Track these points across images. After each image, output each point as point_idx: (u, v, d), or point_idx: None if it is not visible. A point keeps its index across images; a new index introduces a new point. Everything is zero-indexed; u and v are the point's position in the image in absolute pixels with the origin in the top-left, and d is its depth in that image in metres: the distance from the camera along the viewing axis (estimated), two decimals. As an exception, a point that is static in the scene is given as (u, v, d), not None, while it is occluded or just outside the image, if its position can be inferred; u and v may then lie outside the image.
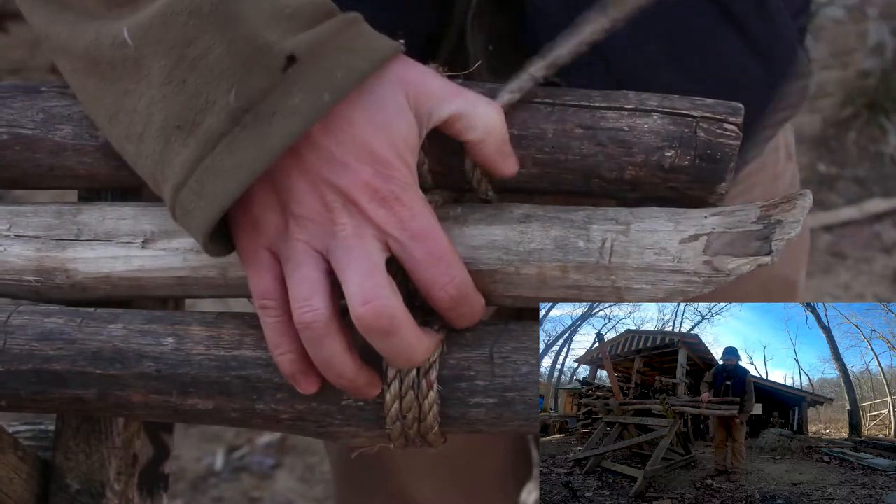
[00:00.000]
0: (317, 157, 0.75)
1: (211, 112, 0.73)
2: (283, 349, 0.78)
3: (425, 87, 0.78)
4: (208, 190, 0.73)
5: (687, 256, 0.78)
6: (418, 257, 0.76)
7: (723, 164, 0.80)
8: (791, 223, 0.78)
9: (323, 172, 0.75)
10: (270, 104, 0.72)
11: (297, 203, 0.75)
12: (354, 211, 0.75)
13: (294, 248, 0.76)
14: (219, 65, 0.73)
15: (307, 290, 0.76)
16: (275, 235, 0.77)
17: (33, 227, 0.86)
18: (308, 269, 0.76)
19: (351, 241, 0.75)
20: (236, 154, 0.73)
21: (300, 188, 0.75)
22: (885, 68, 3.40)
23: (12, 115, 0.86)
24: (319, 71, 0.73)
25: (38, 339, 0.83)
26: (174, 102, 0.74)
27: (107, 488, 0.92)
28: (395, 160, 0.76)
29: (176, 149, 0.74)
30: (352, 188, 0.75)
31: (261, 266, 0.77)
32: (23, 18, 0.86)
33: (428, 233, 0.76)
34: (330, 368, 0.77)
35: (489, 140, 0.80)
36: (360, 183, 0.75)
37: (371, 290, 0.74)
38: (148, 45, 0.74)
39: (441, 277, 0.77)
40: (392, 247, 0.76)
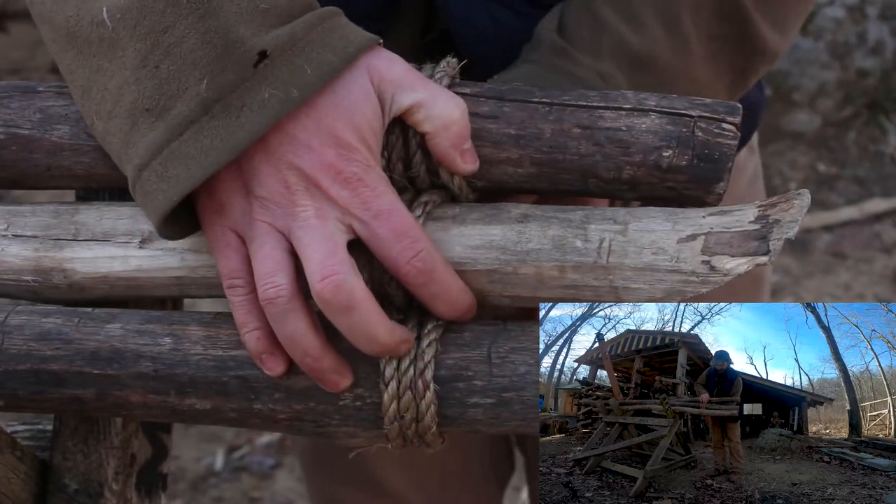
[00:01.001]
0: (280, 141, 0.76)
1: (181, 99, 0.75)
2: (250, 327, 0.79)
3: (390, 74, 0.79)
4: (171, 174, 0.75)
5: (685, 256, 0.78)
6: (382, 234, 0.77)
7: (721, 164, 0.80)
8: (789, 223, 0.77)
9: (286, 156, 0.76)
10: (239, 97, 0.74)
11: (260, 185, 0.77)
12: (317, 193, 0.76)
13: (257, 229, 0.77)
14: (192, 54, 0.74)
15: (270, 267, 0.77)
16: (239, 216, 0.78)
17: (31, 226, 0.86)
18: (271, 248, 0.77)
19: (312, 221, 0.76)
20: (202, 142, 0.74)
21: (263, 171, 0.77)
22: (885, 68, 3.40)
23: (9, 115, 0.86)
24: (290, 67, 0.75)
25: (36, 339, 0.83)
26: (146, 86, 0.75)
27: (105, 488, 0.92)
28: (358, 143, 0.77)
29: (143, 130, 0.76)
30: (314, 170, 0.76)
31: (227, 246, 0.79)
32: (23, 19, 0.87)
33: (391, 210, 0.77)
34: (294, 345, 0.78)
35: (445, 134, 0.80)
36: (322, 165, 0.76)
37: (330, 266, 0.75)
38: (125, 28, 0.76)
39: (406, 252, 0.77)
40: (356, 228, 0.77)
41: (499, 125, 0.82)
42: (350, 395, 0.81)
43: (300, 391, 0.81)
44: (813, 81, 3.38)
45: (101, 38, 0.77)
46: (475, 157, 0.81)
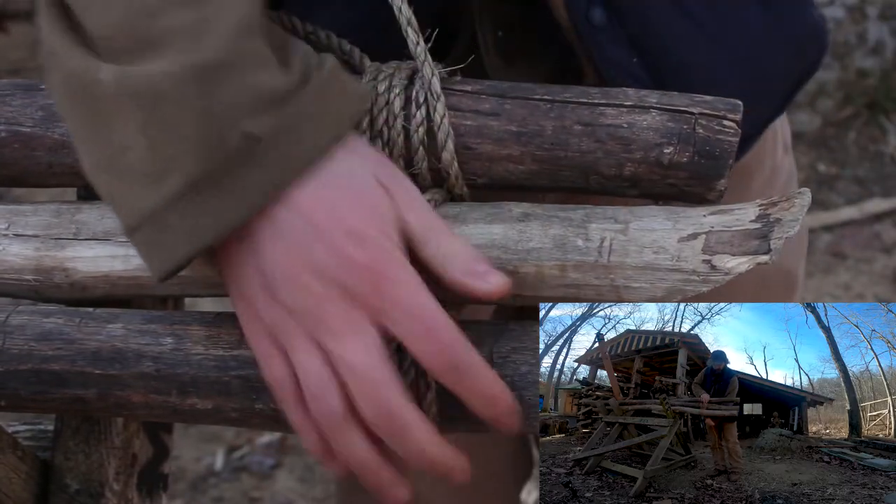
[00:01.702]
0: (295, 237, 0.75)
1: (172, 174, 0.74)
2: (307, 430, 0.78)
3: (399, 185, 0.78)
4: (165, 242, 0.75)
5: (686, 255, 0.78)
6: (415, 333, 0.75)
7: (722, 161, 0.80)
8: (790, 222, 0.78)
9: (303, 255, 0.75)
10: (231, 177, 0.73)
11: (281, 289, 0.75)
12: (341, 298, 0.75)
13: (294, 340, 0.76)
14: (185, 130, 0.73)
15: (317, 385, 0.76)
16: (273, 326, 0.77)
17: (32, 226, 0.86)
18: (316, 367, 0.76)
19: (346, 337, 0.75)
20: (194, 216, 0.74)
21: (281, 275, 0.75)
22: (885, 68, 3.40)
23: (11, 112, 0.86)
24: (283, 148, 0.74)
25: (38, 339, 0.83)
26: (141, 154, 0.74)
27: (106, 488, 0.92)
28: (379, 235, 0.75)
29: (137, 192, 0.75)
30: (331, 268, 0.75)
31: (269, 357, 0.78)
32: (23, 19, 0.87)
33: (421, 307, 0.75)
34: (350, 459, 0.77)
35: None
36: (338, 260, 0.74)
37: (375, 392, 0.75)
38: (125, 95, 0.74)
39: (438, 346, 0.75)
40: (388, 327, 0.75)
41: (500, 122, 0.82)
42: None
43: (302, 391, 0.81)
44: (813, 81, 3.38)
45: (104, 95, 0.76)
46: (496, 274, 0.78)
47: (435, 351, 0.75)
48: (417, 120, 0.82)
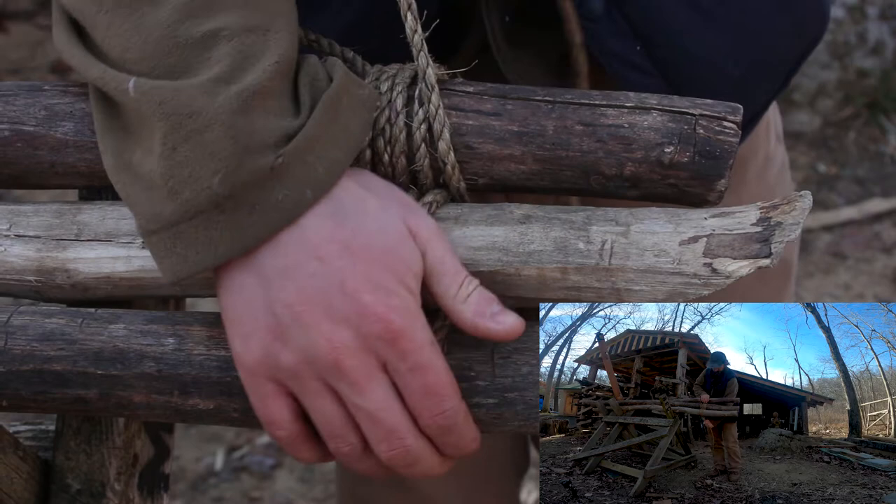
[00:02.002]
0: (314, 284, 0.75)
1: (191, 188, 0.74)
2: (305, 460, 0.80)
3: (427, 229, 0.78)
4: (179, 251, 0.75)
5: (687, 258, 0.78)
6: (414, 388, 0.76)
7: (722, 161, 0.81)
8: (791, 225, 0.78)
9: (317, 298, 0.75)
10: (253, 196, 0.74)
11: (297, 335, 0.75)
12: (354, 345, 0.75)
13: (308, 388, 0.77)
14: (212, 145, 0.74)
15: (338, 427, 0.77)
16: (278, 370, 0.77)
17: (34, 226, 0.86)
18: (330, 409, 0.77)
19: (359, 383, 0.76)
20: (210, 233, 0.74)
21: (298, 319, 0.75)
22: (885, 68, 3.39)
23: (15, 112, 0.86)
24: (303, 165, 0.74)
25: (39, 340, 0.83)
26: (162, 164, 0.75)
27: (107, 488, 0.92)
28: (398, 287, 0.75)
29: (156, 199, 0.75)
30: (351, 317, 0.74)
31: (265, 396, 0.78)
32: (22, 19, 0.87)
33: (427, 367, 0.76)
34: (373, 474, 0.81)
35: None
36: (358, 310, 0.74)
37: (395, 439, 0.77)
38: (149, 103, 0.75)
39: (432, 409, 0.77)
40: (391, 373, 0.76)
41: (502, 122, 0.82)
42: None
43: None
44: (813, 81, 3.38)
45: (127, 104, 0.77)
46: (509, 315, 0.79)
47: (431, 411, 0.77)
48: (420, 117, 0.82)
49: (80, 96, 0.86)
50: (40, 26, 3.48)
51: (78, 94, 0.86)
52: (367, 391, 0.76)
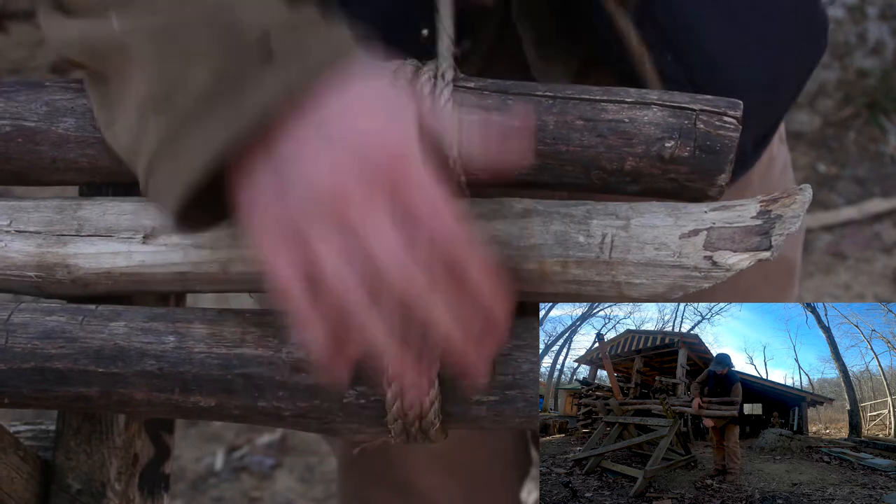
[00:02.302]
0: (314, 135, 0.74)
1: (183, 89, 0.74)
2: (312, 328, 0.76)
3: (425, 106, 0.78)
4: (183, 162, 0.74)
5: (687, 251, 0.78)
6: (419, 217, 0.74)
7: (723, 156, 0.81)
8: (791, 218, 0.78)
9: (321, 151, 0.74)
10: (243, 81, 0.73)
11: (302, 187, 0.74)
12: (358, 189, 0.74)
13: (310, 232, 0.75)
14: (197, 42, 0.74)
15: (335, 268, 0.74)
16: (284, 221, 0.75)
17: (34, 222, 0.86)
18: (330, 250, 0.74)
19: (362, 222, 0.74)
20: (207, 130, 0.73)
21: (302, 171, 0.74)
22: (885, 68, 3.40)
23: (16, 108, 0.87)
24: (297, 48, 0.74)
25: (40, 338, 0.83)
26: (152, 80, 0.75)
27: (108, 488, 0.92)
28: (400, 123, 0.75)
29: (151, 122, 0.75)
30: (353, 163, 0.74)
31: (275, 253, 0.76)
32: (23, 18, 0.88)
33: (435, 207, 0.74)
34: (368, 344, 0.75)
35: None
36: (361, 155, 0.74)
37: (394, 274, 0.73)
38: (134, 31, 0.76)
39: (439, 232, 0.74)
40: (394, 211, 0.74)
41: (503, 117, 0.82)
42: (354, 392, 0.81)
43: (305, 389, 0.81)
44: (813, 81, 3.38)
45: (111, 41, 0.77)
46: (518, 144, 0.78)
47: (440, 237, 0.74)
48: None
49: (82, 92, 0.86)
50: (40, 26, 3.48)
51: (79, 91, 0.87)
52: (371, 228, 0.73)
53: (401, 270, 0.73)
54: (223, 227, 0.81)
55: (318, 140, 0.74)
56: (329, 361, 0.76)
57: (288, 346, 0.82)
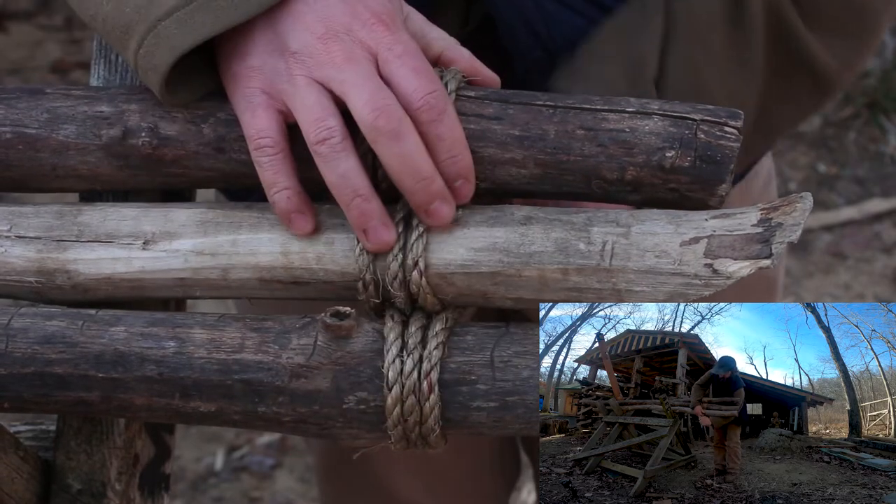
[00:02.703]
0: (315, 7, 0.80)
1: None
2: (280, 186, 0.81)
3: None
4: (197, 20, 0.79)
5: (687, 259, 0.78)
6: (402, 73, 0.79)
7: (723, 166, 0.81)
8: (791, 226, 0.78)
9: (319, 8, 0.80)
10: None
11: (294, 40, 0.79)
12: (346, 38, 0.79)
13: (297, 83, 0.80)
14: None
15: (318, 112, 0.79)
16: (273, 76, 0.80)
17: (34, 227, 0.86)
18: (316, 97, 0.79)
19: (346, 65, 0.79)
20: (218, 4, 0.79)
21: (297, 27, 0.79)
22: (885, 68, 3.39)
23: (17, 115, 0.87)
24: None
25: (40, 343, 0.83)
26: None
27: (108, 488, 0.92)
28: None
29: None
30: (344, 17, 0.79)
31: (257, 106, 0.81)
32: (23, 19, 0.89)
33: (412, 53, 0.80)
34: (345, 185, 0.80)
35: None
36: (349, 13, 0.79)
37: (380, 99, 0.78)
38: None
39: (421, 88, 0.79)
40: (379, 65, 0.80)
41: (503, 126, 0.82)
42: (354, 398, 0.81)
43: (304, 395, 0.81)
44: (812, 81, 3.38)
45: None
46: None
47: (420, 91, 0.79)
48: None
49: (82, 100, 0.86)
50: (40, 26, 3.48)
51: (80, 98, 0.87)
52: (351, 66, 0.79)
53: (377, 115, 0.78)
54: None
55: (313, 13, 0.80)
56: (293, 216, 0.81)
57: (288, 351, 0.82)
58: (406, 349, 0.81)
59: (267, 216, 0.84)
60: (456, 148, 0.80)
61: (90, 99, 0.87)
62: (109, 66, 0.94)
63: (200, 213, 0.85)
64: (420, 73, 0.79)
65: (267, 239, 0.83)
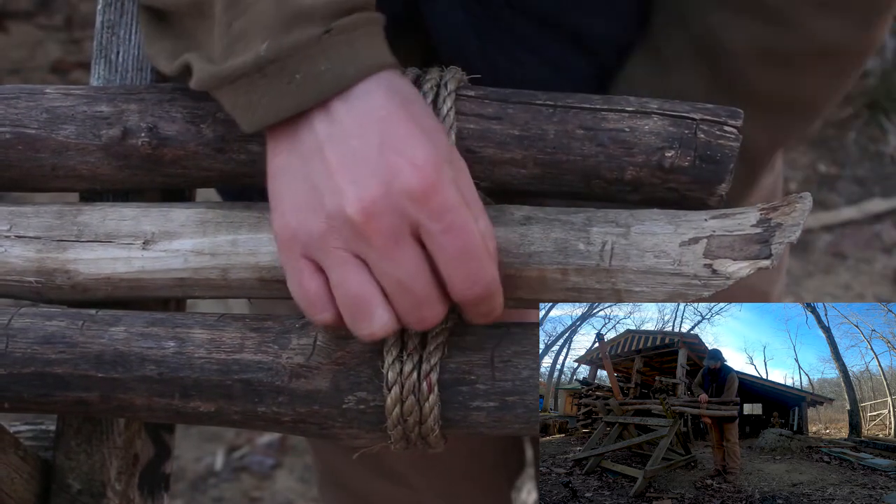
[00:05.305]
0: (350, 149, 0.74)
1: (241, 56, 0.75)
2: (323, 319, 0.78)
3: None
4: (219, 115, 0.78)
5: (687, 259, 0.78)
6: (448, 252, 0.73)
7: (723, 166, 0.81)
8: (791, 226, 0.78)
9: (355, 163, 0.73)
10: (297, 63, 0.74)
11: (328, 199, 0.74)
12: (386, 207, 0.73)
13: (333, 258, 0.74)
14: (263, 16, 0.75)
15: (357, 298, 0.74)
16: (308, 241, 0.75)
17: (34, 227, 0.86)
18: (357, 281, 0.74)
19: (391, 251, 0.73)
20: (251, 95, 0.75)
21: (333, 189, 0.73)
22: (885, 68, 3.39)
23: (17, 115, 0.87)
24: (350, 45, 0.74)
25: (40, 343, 0.83)
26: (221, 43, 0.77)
27: (108, 488, 0.92)
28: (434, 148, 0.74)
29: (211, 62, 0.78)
30: (386, 178, 0.73)
31: (301, 273, 0.76)
32: (23, 19, 0.89)
33: (462, 226, 0.73)
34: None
35: None
36: (393, 170, 0.73)
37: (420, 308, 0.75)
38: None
39: (467, 274, 0.74)
40: (423, 237, 0.73)
41: (503, 126, 0.82)
42: (353, 398, 0.81)
43: (304, 394, 0.82)
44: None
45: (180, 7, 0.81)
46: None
47: (466, 278, 0.74)
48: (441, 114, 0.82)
49: (82, 99, 0.86)
50: (40, 26, 3.48)
51: (80, 97, 0.87)
52: (397, 255, 0.73)
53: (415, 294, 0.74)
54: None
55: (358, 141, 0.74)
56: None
57: (287, 351, 0.82)
58: (406, 349, 0.81)
59: (267, 216, 0.84)
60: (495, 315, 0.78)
61: (90, 99, 0.87)
62: (109, 66, 0.94)
63: (200, 213, 0.85)
64: (466, 254, 0.74)
65: (267, 239, 0.83)
